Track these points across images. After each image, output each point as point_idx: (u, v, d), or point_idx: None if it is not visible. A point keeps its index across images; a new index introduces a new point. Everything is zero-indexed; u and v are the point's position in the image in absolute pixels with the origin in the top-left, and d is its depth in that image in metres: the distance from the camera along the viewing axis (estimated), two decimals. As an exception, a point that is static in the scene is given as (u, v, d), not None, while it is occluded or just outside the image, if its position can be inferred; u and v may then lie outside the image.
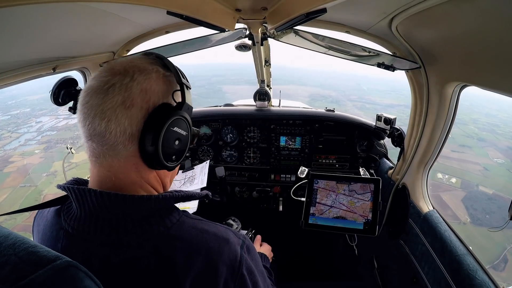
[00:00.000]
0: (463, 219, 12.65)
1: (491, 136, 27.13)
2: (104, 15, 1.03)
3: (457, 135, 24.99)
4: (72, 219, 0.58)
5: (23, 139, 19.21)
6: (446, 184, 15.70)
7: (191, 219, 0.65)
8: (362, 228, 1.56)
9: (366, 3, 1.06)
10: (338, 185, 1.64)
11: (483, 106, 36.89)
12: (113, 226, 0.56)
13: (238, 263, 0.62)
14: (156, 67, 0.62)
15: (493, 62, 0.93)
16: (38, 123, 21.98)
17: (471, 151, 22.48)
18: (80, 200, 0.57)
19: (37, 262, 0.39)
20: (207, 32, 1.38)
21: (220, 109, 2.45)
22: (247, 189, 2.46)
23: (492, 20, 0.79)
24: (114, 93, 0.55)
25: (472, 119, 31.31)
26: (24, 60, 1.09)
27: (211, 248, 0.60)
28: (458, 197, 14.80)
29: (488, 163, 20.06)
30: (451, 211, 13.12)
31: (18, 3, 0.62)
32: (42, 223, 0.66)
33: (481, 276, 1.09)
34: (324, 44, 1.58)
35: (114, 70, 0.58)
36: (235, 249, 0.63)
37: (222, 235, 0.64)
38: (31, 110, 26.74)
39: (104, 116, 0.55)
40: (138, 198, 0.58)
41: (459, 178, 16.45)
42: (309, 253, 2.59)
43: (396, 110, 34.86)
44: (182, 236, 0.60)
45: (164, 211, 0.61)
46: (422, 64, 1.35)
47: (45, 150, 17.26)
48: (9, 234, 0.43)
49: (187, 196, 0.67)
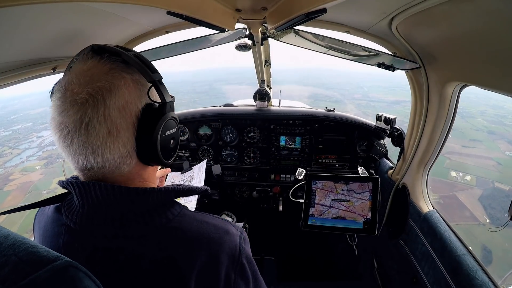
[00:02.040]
0: (481, 220, 12.00)
1: (501, 129, 26.25)
2: (104, 15, 1.03)
3: (466, 129, 24.40)
4: (74, 214, 0.58)
5: (24, 155, 18.83)
6: (461, 183, 14.97)
7: (191, 212, 0.67)
8: (361, 228, 1.56)
9: (366, 3, 1.06)
10: (336, 185, 1.64)
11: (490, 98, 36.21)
12: (116, 218, 0.57)
13: (238, 252, 0.64)
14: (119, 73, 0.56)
15: (493, 62, 0.93)
16: (39, 138, 21.64)
17: (482, 145, 21.78)
18: (84, 193, 0.57)
19: (37, 262, 0.39)
20: (207, 32, 1.38)
21: (220, 109, 2.45)
22: (247, 189, 2.47)
23: (492, 20, 0.79)
24: (95, 128, 0.52)
25: (479, 112, 30.61)
26: (24, 60, 1.09)
27: (213, 238, 0.61)
28: (474, 196, 13.99)
29: (500, 157, 19.37)
30: (469, 212, 12.48)
31: (18, 3, 0.62)
32: (43, 220, 0.66)
33: (481, 276, 1.09)
34: (324, 44, 1.58)
35: (79, 101, 0.52)
36: (235, 239, 0.65)
37: (221, 226, 0.66)
38: (32, 125, 26.62)
39: (98, 153, 0.54)
40: (142, 190, 0.59)
41: (474, 175, 15.65)
42: (309, 253, 2.59)
43: (401, 107, 34.00)
44: (184, 228, 0.61)
45: (166, 204, 0.62)
46: (422, 64, 1.35)
47: (46, 166, 16.90)
48: (9, 234, 0.43)
49: (188, 189, 0.69)
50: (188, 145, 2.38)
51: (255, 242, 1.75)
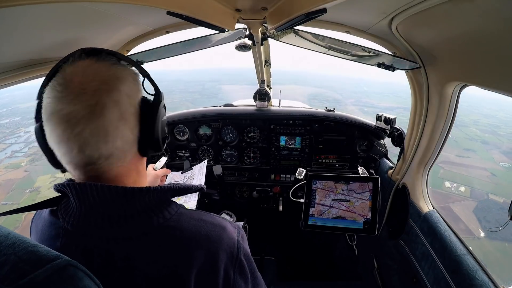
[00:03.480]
0: (476, 233, 11.48)
1: (494, 138, 26.35)
2: (104, 15, 1.03)
3: (460, 138, 24.33)
4: (72, 216, 0.58)
5: (9, 150, 17.89)
6: (455, 194, 14.59)
7: (188, 210, 0.67)
8: (361, 228, 1.56)
9: (366, 3, 1.06)
10: (337, 185, 1.64)
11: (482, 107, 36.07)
12: (114, 219, 0.57)
13: (236, 249, 0.64)
14: (122, 67, 0.62)
15: (493, 62, 0.93)
16: (26, 133, 20.67)
17: (476, 155, 21.70)
18: (81, 195, 0.57)
19: (37, 261, 0.39)
20: (207, 32, 1.38)
21: (220, 109, 2.45)
22: (247, 189, 2.46)
23: (492, 20, 0.79)
24: (110, 112, 0.54)
25: (472, 121, 30.73)
26: (24, 60, 1.09)
27: (211, 236, 0.62)
28: (469, 207, 13.63)
29: (494, 168, 18.99)
30: (464, 224, 12.03)
31: (18, 3, 0.62)
32: (40, 223, 0.66)
33: (481, 276, 1.09)
34: (324, 44, 1.58)
35: (89, 89, 0.54)
36: (233, 236, 0.65)
37: (219, 223, 0.66)
38: (21, 119, 25.58)
39: (108, 139, 0.55)
40: (138, 190, 0.59)
41: (468, 186, 15.28)
42: (309, 253, 2.59)
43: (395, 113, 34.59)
44: (181, 227, 0.61)
45: (163, 203, 0.62)
46: (422, 64, 1.35)
47: (31, 162, 15.85)
48: (9, 234, 0.43)
49: (184, 188, 0.69)
50: (188, 145, 2.38)
51: (255, 242, 1.76)
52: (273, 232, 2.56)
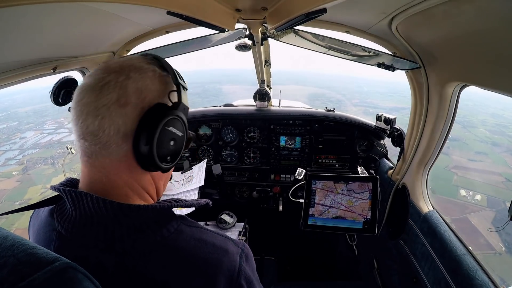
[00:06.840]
0: (497, 248, 10.37)
1: (504, 140, 25.05)
2: (104, 15, 1.03)
3: (471, 140, 23.41)
4: (66, 221, 0.57)
5: (3, 158, 16.99)
6: (472, 203, 13.45)
7: (189, 227, 0.63)
8: (361, 227, 1.56)
9: (366, 3, 1.06)
10: (336, 185, 1.64)
11: (488, 106, 35.17)
12: (109, 232, 0.55)
13: (237, 273, 0.61)
14: (153, 67, 0.62)
15: (493, 62, 0.93)
16: (22, 139, 19.98)
17: (488, 158, 20.49)
18: (76, 203, 0.56)
19: (36, 263, 0.39)
20: (207, 32, 1.38)
21: (220, 109, 2.45)
22: (247, 189, 2.46)
23: (492, 20, 0.79)
24: (108, 90, 0.54)
25: (480, 121, 29.82)
26: (24, 60, 1.09)
27: (210, 260, 0.59)
28: (487, 218, 12.49)
29: (508, 172, 17.66)
30: (484, 239, 10.76)
31: (18, 3, 0.62)
32: (37, 223, 0.65)
33: (481, 276, 1.09)
34: (324, 44, 1.58)
35: (109, 68, 0.57)
36: (234, 259, 0.62)
37: (221, 245, 0.63)
38: (18, 124, 25.01)
39: (98, 114, 0.53)
40: (135, 207, 0.56)
41: (484, 194, 14.14)
42: (309, 253, 2.59)
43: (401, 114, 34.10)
44: (179, 247, 0.58)
45: (162, 220, 0.60)
46: (422, 64, 1.35)
47: (23, 171, 15.16)
48: (8, 235, 0.43)
49: (186, 206, 0.66)
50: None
51: (255, 242, 1.76)
52: (273, 232, 2.56)
